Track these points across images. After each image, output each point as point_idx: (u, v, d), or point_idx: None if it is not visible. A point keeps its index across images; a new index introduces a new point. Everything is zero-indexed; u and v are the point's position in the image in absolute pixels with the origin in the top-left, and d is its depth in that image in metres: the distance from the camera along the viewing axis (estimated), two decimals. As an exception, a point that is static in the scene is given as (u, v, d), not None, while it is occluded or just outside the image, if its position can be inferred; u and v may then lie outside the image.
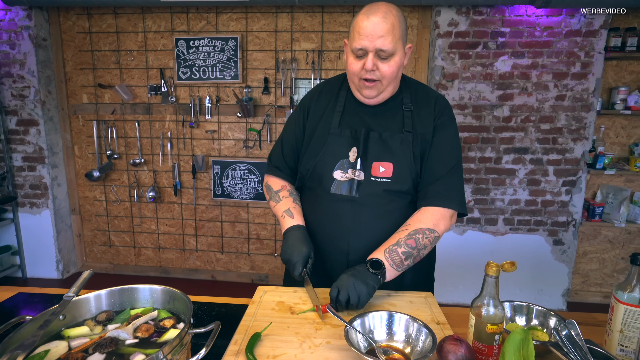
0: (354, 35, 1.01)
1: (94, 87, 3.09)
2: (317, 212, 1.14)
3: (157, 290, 0.84)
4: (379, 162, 1.08)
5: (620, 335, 0.78)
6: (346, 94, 1.15)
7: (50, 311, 0.72)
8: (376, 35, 0.97)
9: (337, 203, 1.09)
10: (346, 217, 1.09)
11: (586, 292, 3.03)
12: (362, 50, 1.00)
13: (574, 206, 2.80)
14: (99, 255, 3.39)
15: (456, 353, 0.70)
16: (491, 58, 2.68)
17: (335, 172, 1.09)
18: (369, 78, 1.03)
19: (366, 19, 0.98)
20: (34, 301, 1.10)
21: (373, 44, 0.98)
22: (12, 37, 2.93)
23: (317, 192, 1.13)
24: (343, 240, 1.10)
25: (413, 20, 2.80)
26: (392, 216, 1.09)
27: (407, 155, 1.07)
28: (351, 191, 1.08)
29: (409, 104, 1.12)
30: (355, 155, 1.08)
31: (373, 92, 1.06)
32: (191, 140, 3.09)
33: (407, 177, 1.07)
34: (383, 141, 1.08)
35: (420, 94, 1.14)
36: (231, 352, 0.79)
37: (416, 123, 1.10)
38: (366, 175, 1.08)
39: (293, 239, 1.08)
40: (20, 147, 3.09)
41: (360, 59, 1.02)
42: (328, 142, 1.11)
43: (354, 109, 1.13)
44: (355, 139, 1.09)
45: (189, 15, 2.90)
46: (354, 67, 1.03)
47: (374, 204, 1.08)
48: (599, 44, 2.59)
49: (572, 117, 2.70)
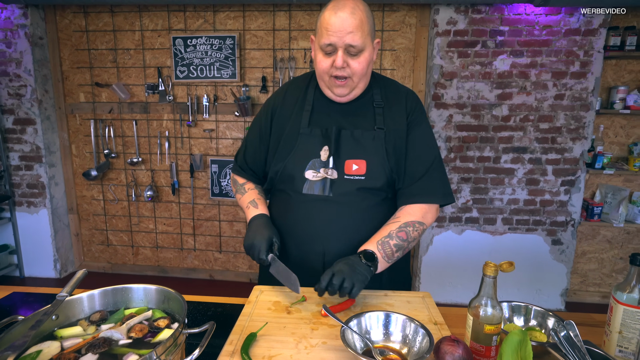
0: (321, 31, 0.99)
1: (91, 86, 3.08)
2: (290, 213, 1.11)
3: (152, 290, 0.83)
4: (352, 159, 1.06)
5: (619, 336, 0.77)
6: (314, 93, 1.13)
7: (42, 311, 0.71)
8: (345, 31, 0.95)
9: (311, 203, 1.07)
10: (320, 217, 1.07)
11: (585, 292, 3.03)
12: (331, 46, 0.98)
13: (573, 206, 2.79)
14: (96, 254, 3.38)
15: (453, 354, 0.69)
16: (490, 57, 2.67)
17: (307, 172, 1.07)
18: (340, 75, 1.01)
19: (334, 15, 0.96)
20: (29, 301, 1.09)
21: (342, 40, 0.96)
22: (8, 36, 2.91)
23: (288, 193, 1.11)
24: (318, 242, 1.08)
25: (411, 18, 2.79)
26: (367, 214, 1.08)
27: (379, 152, 1.06)
28: (324, 190, 1.06)
29: (379, 101, 1.11)
30: (327, 154, 1.06)
31: (345, 90, 1.05)
32: (189, 140, 3.08)
33: (381, 174, 1.06)
34: (355, 139, 1.07)
35: (390, 90, 1.14)
36: (226, 352, 0.78)
37: (388, 119, 1.09)
38: (339, 174, 1.06)
39: (255, 226, 1.07)
40: (17, 146, 3.08)
41: (330, 55, 1.00)
42: (298, 142, 1.09)
43: (323, 107, 1.11)
44: (326, 137, 1.07)
45: (187, 14, 2.89)
46: (324, 64, 1.01)
47: (349, 202, 1.06)
48: (598, 43, 2.59)
49: (571, 117, 2.69)
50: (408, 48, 2.83)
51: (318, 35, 1.01)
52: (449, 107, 2.75)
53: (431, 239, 2.91)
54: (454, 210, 2.88)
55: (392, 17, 2.79)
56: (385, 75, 2.93)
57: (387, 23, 2.81)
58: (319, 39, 1.01)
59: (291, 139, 1.10)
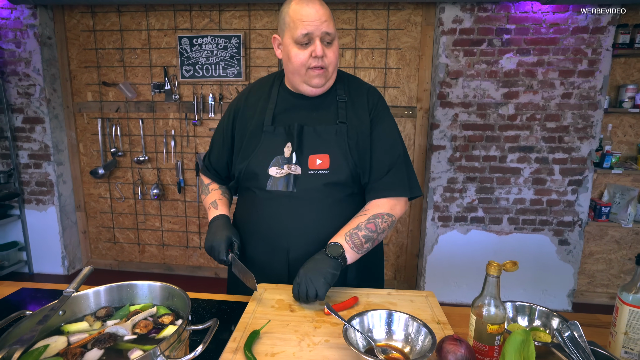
0: (295, 24, 0.99)
1: (99, 85, 3.11)
2: (255, 211, 1.12)
3: (156, 286, 0.84)
4: (315, 154, 1.06)
5: (624, 338, 0.77)
6: (278, 92, 1.14)
7: (49, 306, 0.72)
8: (320, 19, 0.98)
9: (275, 200, 1.07)
10: (285, 213, 1.07)
11: (592, 293, 3.00)
12: (308, 36, 0.98)
13: (580, 206, 2.76)
14: (103, 251, 3.42)
15: (456, 353, 0.69)
16: (496, 55, 2.65)
17: (270, 169, 1.07)
18: (318, 65, 1.01)
19: (306, 6, 0.98)
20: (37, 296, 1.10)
21: (319, 28, 0.98)
22: (18, 36, 2.95)
23: (253, 191, 1.11)
24: (283, 238, 1.08)
25: (417, 17, 2.78)
26: (332, 210, 1.08)
27: (342, 146, 1.06)
28: (288, 186, 1.06)
29: (342, 95, 1.11)
30: (290, 150, 1.07)
31: (322, 80, 1.05)
32: (194, 138, 3.10)
33: (345, 168, 1.06)
34: (317, 133, 1.07)
35: (352, 86, 1.15)
36: (230, 349, 0.78)
37: (350, 114, 1.10)
38: (303, 169, 1.06)
39: (214, 227, 1.09)
40: (27, 145, 3.12)
41: (306, 47, 1.00)
42: (262, 140, 1.09)
43: (287, 105, 1.12)
44: (289, 134, 1.07)
45: (192, 13, 2.90)
46: (301, 57, 1.01)
47: (313, 197, 1.06)
48: (606, 41, 2.56)
49: (579, 116, 2.66)
50: (413, 47, 2.82)
51: (290, 29, 1.01)
52: (455, 106, 2.73)
53: (436, 239, 2.90)
54: (459, 209, 2.86)
55: (397, 15, 2.78)
56: (391, 74, 2.94)
57: (392, 22, 2.80)
58: (292, 32, 1.00)
59: (255, 138, 1.10)
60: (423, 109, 2.90)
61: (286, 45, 1.04)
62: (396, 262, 3.18)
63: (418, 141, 2.96)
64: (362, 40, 2.84)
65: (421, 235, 3.04)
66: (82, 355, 0.66)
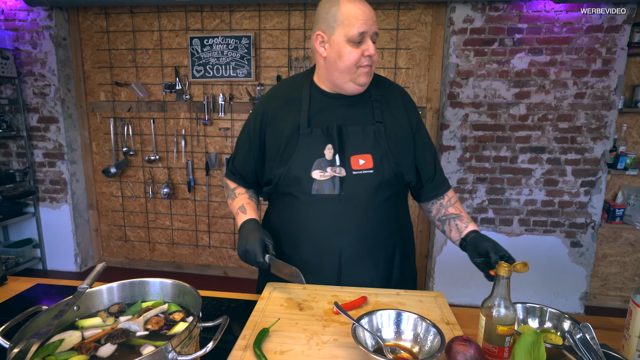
0: (349, 22, 0.98)
1: (111, 85, 3.16)
2: (299, 215, 1.09)
3: (168, 284, 0.85)
4: (357, 154, 1.05)
5: (638, 341, 0.75)
6: (309, 92, 1.11)
7: (64, 302, 0.74)
8: (372, 19, 1.00)
9: (321, 203, 1.05)
10: (333, 216, 1.05)
11: (605, 296, 2.94)
12: (362, 35, 0.99)
13: (593, 207, 2.72)
14: (115, 249, 3.47)
15: (465, 354, 0.69)
16: (507, 55, 2.62)
17: (313, 173, 1.05)
18: (369, 64, 1.02)
19: (355, 5, 0.99)
20: (51, 292, 1.13)
21: (372, 28, 1.00)
22: (34, 37, 3.02)
23: (296, 196, 1.08)
24: (333, 242, 1.06)
25: (427, 17, 2.76)
26: (379, 210, 1.08)
27: (382, 145, 1.06)
28: (334, 189, 1.04)
29: (377, 95, 1.11)
30: (332, 152, 1.05)
31: (369, 78, 1.06)
32: (205, 138, 3.13)
33: (387, 167, 1.06)
34: (357, 133, 1.06)
35: (385, 86, 1.15)
36: (239, 347, 0.79)
37: (385, 114, 1.10)
38: (347, 171, 1.04)
39: (246, 231, 1.07)
40: (41, 144, 3.19)
41: (359, 45, 1.00)
42: (299, 143, 1.06)
43: (321, 106, 1.10)
44: (328, 135, 1.06)
45: (203, 14, 2.93)
46: (354, 55, 1.00)
47: (360, 198, 1.05)
48: (621, 40, 2.51)
49: (592, 116, 2.62)
50: (423, 47, 2.81)
51: (343, 27, 0.99)
52: (465, 106, 2.71)
53: (445, 240, 2.88)
54: (469, 210, 2.84)
55: (408, 15, 2.77)
56: (400, 74, 2.93)
57: (403, 21, 2.79)
58: (346, 30, 0.99)
59: (292, 141, 1.08)
60: (433, 109, 2.89)
61: (337, 43, 1.01)
62: (405, 262, 3.16)
63: (427, 141, 2.94)
64: (371, 40, 2.83)
65: (430, 236, 3.02)
66: (95, 349, 0.68)
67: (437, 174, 1.17)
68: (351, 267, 1.07)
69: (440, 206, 1.16)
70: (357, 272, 1.08)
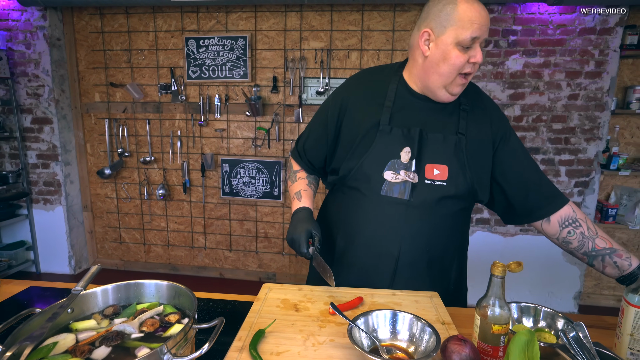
0: (463, 24, 0.90)
1: (106, 86, 3.14)
2: (364, 213, 1.06)
3: (163, 285, 0.84)
4: (434, 164, 1.00)
5: (630, 339, 0.76)
6: (396, 88, 1.05)
7: (58, 304, 0.73)
8: (487, 24, 0.92)
9: (389, 206, 1.02)
10: (398, 221, 1.02)
11: (599, 295, 2.97)
12: (474, 39, 0.92)
13: (587, 207, 2.74)
14: (109, 251, 3.45)
15: (460, 353, 0.69)
16: (502, 57, 2.64)
17: (385, 173, 1.01)
18: (471, 72, 0.96)
19: (474, 8, 0.90)
20: (45, 295, 1.12)
21: (484, 33, 0.92)
22: (28, 37, 2.99)
23: (363, 192, 1.04)
24: (394, 245, 1.03)
25: (423, 18, 2.78)
26: (445, 222, 1.04)
27: (461, 158, 1.01)
28: (405, 194, 1.00)
29: (466, 104, 1.04)
30: (409, 156, 1.00)
31: (462, 89, 1.00)
32: (200, 139, 3.12)
33: (462, 181, 1.01)
34: (437, 142, 1.01)
35: (475, 95, 1.08)
36: (235, 348, 0.79)
37: (470, 126, 1.03)
38: (420, 178, 1.00)
39: (296, 220, 1.07)
40: (35, 145, 3.16)
41: (467, 50, 0.93)
42: (376, 140, 1.02)
43: (404, 104, 1.04)
44: (408, 138, 1.01)
45: (199, 15, 2.93)
46: (460, 60, 0.93)
47: (428, 208, 1.01)
48: (614, 42, 2.54)
49: (586, 117, 2.65)
50: (419, 48, 2.82)
51: (457, 28, 0.92)
52: (460, 107, 2.72)
53: (441, 240, 2.89)
54: (465, 211, 2.85)
55: (404, 17, 2.78)
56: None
57: (398, 23, 2.80)
58: (458, 32, 0.91)
59: (369, 136, 1.03)
60: (428, 110, 2.90)
61: (446, 44, 0.94)
62: (401, 263, 3.17)
63: (423, 142, 2.95)
64: (367, 42, 2.84)
65: (426, 237, 3.03)
66: (90, 352, 0.67)
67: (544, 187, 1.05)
68: (407, 273, 1.04)
69: (582, 237, 1.00)
70: (412, 280, 1.05)
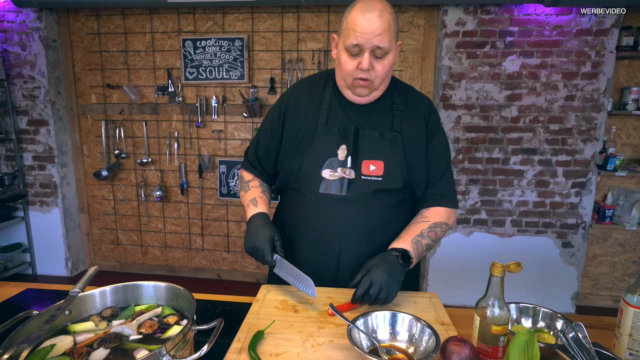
0: (348, 32, 0.97)
1: (103, 88, 3.13)
2: (305, 213, 1.10)
3: (161, 287, 0.84)
4: (370, 160, 1.05)
5: (629, 339, 0.76)
6: (332, 91, 1.12)
7: (56, 306, 0.73)
8: (373, 33, 0.94)
9: (327, 203, 1.06)
10: (337, 217, 1.06)
11: (596, 295, 2.98)
12: (358, 47, 0.96)
13: (584, 208, 2.75)
14: (107, 253, 3.43)
15: (460, 354, 0.69)
16: (499, 58, 2.65)
17: (323, 171, 1.06)
18: (364, 77, 1.00)
19: (362, 16, 0.94)
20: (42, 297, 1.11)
21: (370, 42, 0.95)
22: (23, 39, 2.98)
23: (303, 192, 1.09)
24: (334, 241, 1.07)
25: (420, 19, 2.79)
26: (384, 215, 1.08)
27: (397, 154, 1.06)
28: (342, 190, 1.05)
29: (399, 104, 1.10)
30: (345, 153, 1.05)
31: (366, 91, 1.04)
32: (198, 140, 3.11)
33: (398, 176, 1.06)
34: (373, 139, 1.06)
35: (409, 96, 1.14)
36: (234, 350, 0.79)
37: (405, 124, 1.09)
38: (356, 174, 1.05)
39: (255, 227, 1.05)
40: (31, 147, 3.14)
41: (355, 57, 0.99)
42: (315, 140, 1.07)
43: (340, 106, 1.10)
44: (344, 136, 1.06)
45: (196, 16, 2.92)
46: (349, 65, 1.00)
47: (365, 202, 1.05)
48: (610, 43, 2.56)
49: (582, 118, 2.66)
50: (416, 49, 2.83)
51: (344, 36, 0.99)
52: (458, 108, 2.73)
53: (439, 242, 2.89)
54: (462, 212, 2.86)
55: (401, 18, 2.79)
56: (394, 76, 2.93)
57: (395, 24, 2.80)
58: (344, 39, 0.98)
59: (307, 138, 1.08)
60: (426, 111, 2.90)
61: (339, 49, 1.02)
62: (399, 264, 3.17)
63: (421, 143, 2.95)
64: (364, 43, 2.85)
65: (424, 238, 3.03)
66: (88, 354, 0.67)
67: (433, 186, 1.11)
68: (350, 268, 1.07)
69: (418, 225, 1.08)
70: (355, 274, 1.06)
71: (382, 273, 0.92)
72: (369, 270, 0.94)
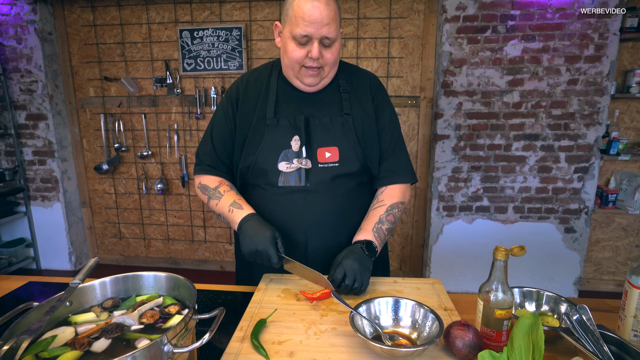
0: (295, 20, 0.94)
1: (100, 80, 3.10)
2: (267, 208, 1.08)
3: (162, 277, 0.83)
4: (324, 147, 1.05)
5: (634, 321, 0.76)
6: (277, 82, 1.10)
7: (56, 297, 0.72)
8: (322, 22, 0.93)
9: (288, 195, 1.05)
10: (299, 208, 1.05)
11: (599, 280, 2.98)
12: (307, 37, 0.95)
13: (587, 193, 2.74)
14: (109, 247, 3.45)
15: (463, 338, 0.69)
16: (500, 42, 2.61)
17: (280, 164, 1.05)
18: (314, 66, 0.99)
19: (310, 5, 0.92)
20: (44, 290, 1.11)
21: (319, 31, 0.94)
22: (19, 32, 2.94)
23: (263, 187, 1.08)
24: (300, 233, 1.07)
25: (419, 5, 2.74)
26: (345, 200, 1.08)
27: (350, 137, 1.06)
28: (300, 181, 1.05)
29: (345, 86, 1.10)
30: (299, 144, 1.05)
31: (316, 80, 1.03)
32: (197, 132, 3.09)
33: (354, 159, 1.06)
34: (324, 126, 1.06)
35: (353, 75, 1.13)
36: (237, 338, 0.79)
37: (354, 105, 1.09)
38: (313, 163, 1.05)
39: (252, 229, 0.98)
40: (30, 142, 3.13)
41: (304, 46, 0.98)
42: (266, 134, 1.06)
43: (288, 96, 1.09)
44: (295, 127, 1.05)
45: (193, 5, 2.88)
46: (297, 54, 0.98)
47: (326, 190, 1.05)
48: (614, 25, 2.51)
49: (585, 102, 2.63)
50: (416, 35, 2.78)
51: (290, 24, 0.96)
52: (459, 95, 2.70)
53: (441, 229, 2.89)
54: (465, 199, 2.85)
55: (400, 4, 2.74)
56: (394, 63, 2.91)
57: (395, 10, 2.76)
58: (291, 28, 0.96)
59: (258, 132, 1.06)
60: (427, 99, 2.88)
61: (285, 37, 1.00)
62: (401, 252, 3.17)
63: (422, 131, 2.93)
64: (364, 30, 2.81)
65: (426, 226, 3.03)
66: (89, 344, 0.67)
67: (385, 162, 1.11)
68: (319, 257, 1.07)
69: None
70: (325, 263, 1.07)
71: (352, 262, 0.93)
72: (340, 263, 0.94)
